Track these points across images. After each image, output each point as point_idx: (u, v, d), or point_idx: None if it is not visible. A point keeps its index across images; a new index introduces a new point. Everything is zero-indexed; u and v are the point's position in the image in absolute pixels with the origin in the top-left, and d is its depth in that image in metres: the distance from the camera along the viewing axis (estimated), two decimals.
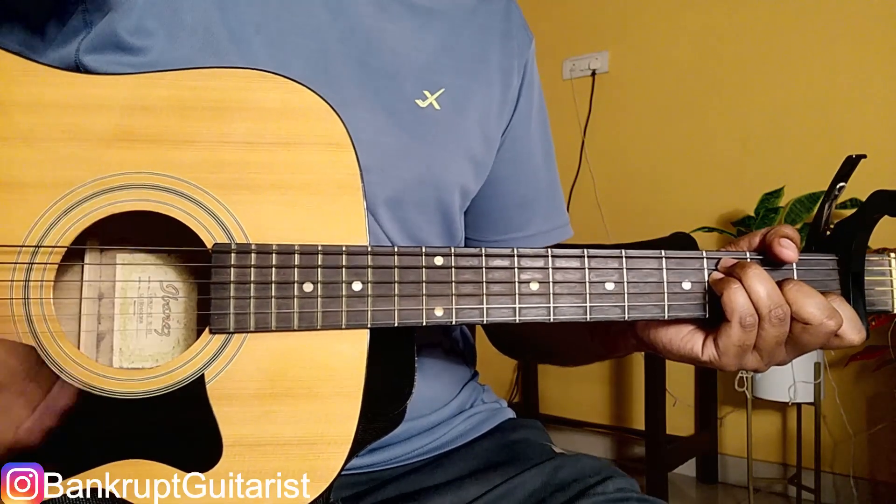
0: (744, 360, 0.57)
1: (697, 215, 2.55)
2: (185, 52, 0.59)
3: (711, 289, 0.57)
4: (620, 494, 0.63)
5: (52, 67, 0.53)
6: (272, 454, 0.51)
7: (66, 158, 0.51)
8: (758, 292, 0.54)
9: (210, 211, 0.52)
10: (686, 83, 2.66)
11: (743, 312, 0.54)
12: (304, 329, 0.52)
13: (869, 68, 2.29)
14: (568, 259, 0.55)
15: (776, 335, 0.55)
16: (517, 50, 0.78)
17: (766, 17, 2.48)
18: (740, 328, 0.55)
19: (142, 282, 0.58)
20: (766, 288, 0.54)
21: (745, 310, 0.54)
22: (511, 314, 0.54)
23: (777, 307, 0.54)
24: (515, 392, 3.05)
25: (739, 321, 0.54)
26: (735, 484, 2.52)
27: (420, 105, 0.68)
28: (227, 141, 0.53)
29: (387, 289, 0.53)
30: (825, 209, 0.59)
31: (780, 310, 0.54)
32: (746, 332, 0.55)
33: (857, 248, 0.57)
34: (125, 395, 0.50)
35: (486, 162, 0.75)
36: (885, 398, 2.20)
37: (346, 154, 0.54)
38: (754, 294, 0.54)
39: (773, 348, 0.56)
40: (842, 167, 0.58)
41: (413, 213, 0.69)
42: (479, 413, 0.77)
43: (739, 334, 0.55)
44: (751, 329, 0.55)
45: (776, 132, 2.46)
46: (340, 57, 0.65)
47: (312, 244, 0.52)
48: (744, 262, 0.56)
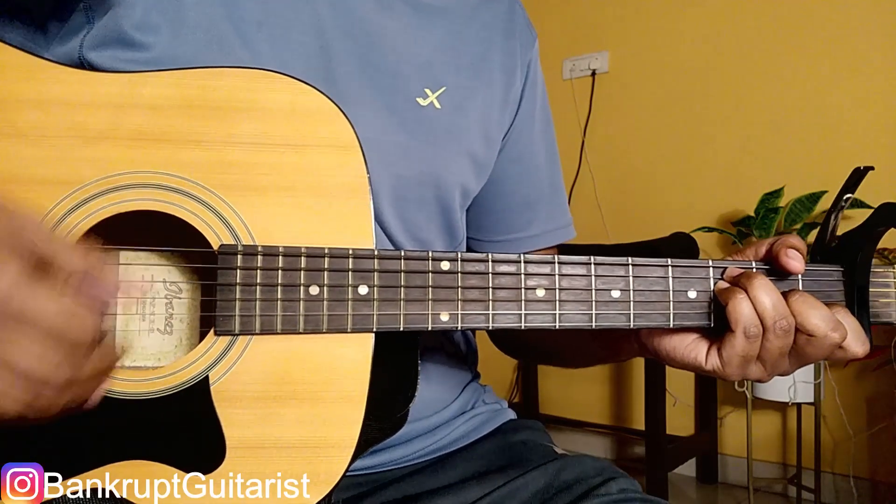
0: (747, 370, 0.57)
1: (697, 215, 2.55)
2: (189, 48, 0.59)
3: (717, 298, 0.57)
4: (623, 495, 0.63)
5: (59, 64, 0.53)
6: (275, 457, 0.51)
7: (73, 156, 0.51)
8: (763, 303, 0.54)
9: (216, 212, 0.52)
10: (686, 83, 2.66)
11: (747, 323, 0.54)
12: (309, 332, 0.52)
13: (869, 68, 2.28)
14: (574, 266, 0.55)
15: (780, 346, 0.55)
16: (520, 49, 0.77)
17: (767, 18, 2.47)
18: (744, 339, 0.55)
19: (145, 282, 0.57)
20: (771, 299, 0.54)
21: (750, 320, 0.54)
22: (517, 320, 0.54)
23: (782, 318, 0.54)
24: (516, 392, 3.05)
25: (744, 332, 0.54)
26: (735, 484, 2.52)
27: (421, 103, 0.68)
28: (234, 141, 0.53)
29: (393, 293, 0.53)
30: (831, 220, 0.59)
31: (785, 321, 0.54)
32: (750, 342, 0.55)
33: (862, 261, 0.57)
34: (129, 396, 0.50)
35: (488, 162, 0.75)
36: (885, 398, 2.20)
37: (353, 157, 0.54)
38: (759, 305, 0.54)
39: (776, 359, 0.56)
40: (849, 178, 0.57)
41: (414, 212, 0.69)
42: (481, 414, 0.77)
43: (743, 345, 0.55)
44: (755, 340, 0.55)
45: (776, 132, 2.46)
46: (342, 54, 0.64)
47: (319, 247, 0.52)
48: (750, 273, 0.56)
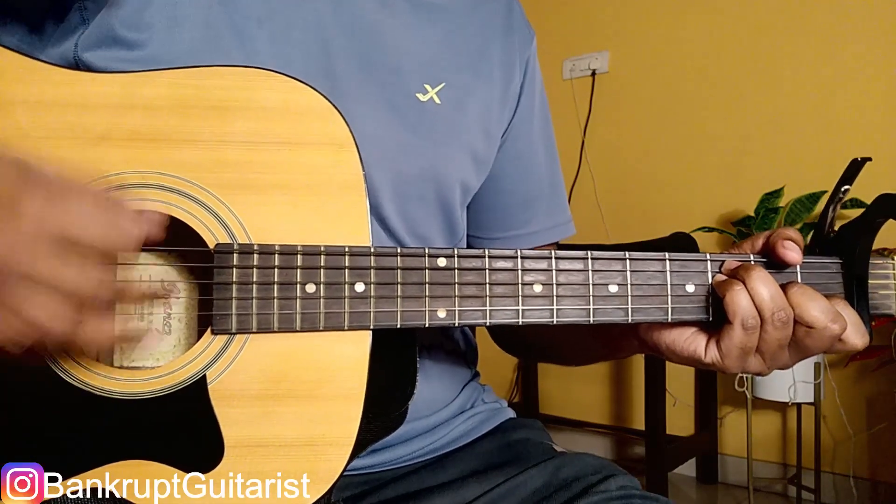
0: (746, 363, 0.57)
1: (697, 215, 2.55)
2: (185, 47, 0.59)
3: (715, 291, 0.57)
4: (623, 492, 0.63)
5: (54, 65, 0.53)
6: (273, 455, 0.51)
7: (68, 158, 0.51)
8: (761, 294, 0.54)
9: (212, 211, 0.52)
10: (686, 83, 2.66)
11: (745, 314, 0.54)
12: (306, 330, 0.52)
13: (869, 68, 2.28)
14: (571, 261, 0.55)
15: (779, 338, 0.55)
16: (519, 46, 0.77)
17: (767, 17, 2.47)
18: (742, 330, 0.55)
19: (143, 281, 0.57)
20: (769, 290, 0.54)
21: (748, 312, 0.54)
22: (514, 316, 0.54)
23: (780, 310, 0.54)
24: (516, 392, 3.05)
25: (742, 323, 0.54)
26: (735, 484, 2.52)
27: (421, 99, 0.68)
28: (230, 140, 0.53)
29: (389, 290, 0.53)
30: (829, 211, 0.59)
31: (783, 313, 0.54)
32: (748, 334, 0.55)
33: (861, 252, 0.57)
34: (127, 396, 0.50)
35: (487, 158, 0.75)
36: (885, 398, 2.19)
37: (349, 155, 0.54)
38: (757, 296, 0.54)
39: (775, 351, 0.56)
40: (847, 170, 0.57)
41: (414, 208, 0.69)
42: (480, 413, 0.77)
43: (741, 337, 0.55)
44: (753, 332, 0.55)
45: (776, 132, 2.46)
46: (342, 51, 0.64)
47: (315, 245, 0.52)
48: (747, 265, 0.56)
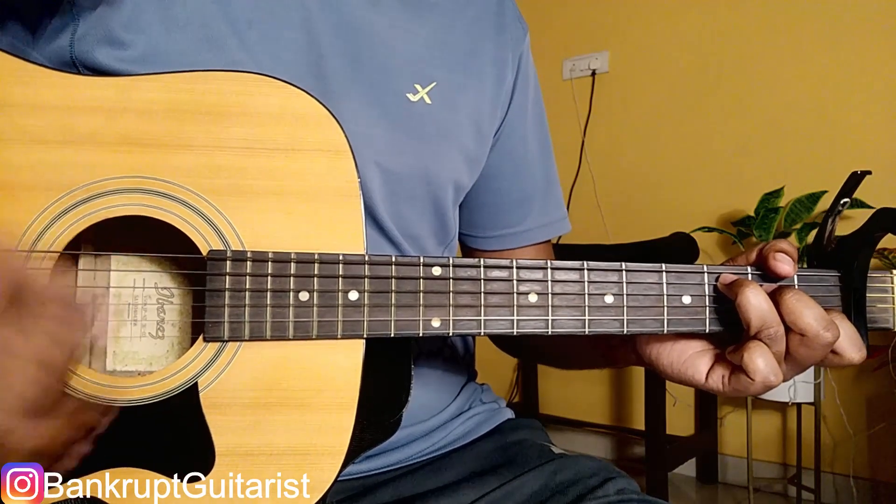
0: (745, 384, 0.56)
1: (697, 215, 2.55)
2: (179, 47, 0.58)
3: (711, 303, 0.56)
4: (621, 496, 0.62)
5: (48, 68, 0.52)
6: (265, 464, 0.51)
7: (62, 161, 0.50)
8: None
9: (206, 217, 0.51)
10: (686, 83, 2.66)
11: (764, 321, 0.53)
12: (299, 338, 0.51)
13: (869, 68, 2.28)
14: (567, 271, 0.55)
15: (773, 353, 0.54)
16: (511, 43, 0.77)
17: (767, 17, 2.47)
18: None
19: (136, 287, 0.57)
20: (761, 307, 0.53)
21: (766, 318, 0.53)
22: (509, 326, 0.54)
23: (770, 327, 0.53)
24: (515, 392, 3.05)
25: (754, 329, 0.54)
26: (735, 484, 2.52)
27: (411, 99, 0.67)
28: (224, 146, 0.52)
29: (383, 298, 0.52)
30: (828, 224, 0.59)
31: (773, 330, 0.53)
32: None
33: (859, 265, 0.57)
34: (118, 403, 0.50)
35: (480, 157, 0.74)
36: (885, 398, 2.19)
37: (344, 161, 0.53)
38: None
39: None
40: (846, 183, 0.57)
41: (406, 208, 0.68)
42: (478, 415, 0.77)
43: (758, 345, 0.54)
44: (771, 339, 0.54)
45: (776, 132, 2.45)
46: (332, 50, 0.64)
47: (309, 252, 0.52)
48: (741, 280, 0.55)
